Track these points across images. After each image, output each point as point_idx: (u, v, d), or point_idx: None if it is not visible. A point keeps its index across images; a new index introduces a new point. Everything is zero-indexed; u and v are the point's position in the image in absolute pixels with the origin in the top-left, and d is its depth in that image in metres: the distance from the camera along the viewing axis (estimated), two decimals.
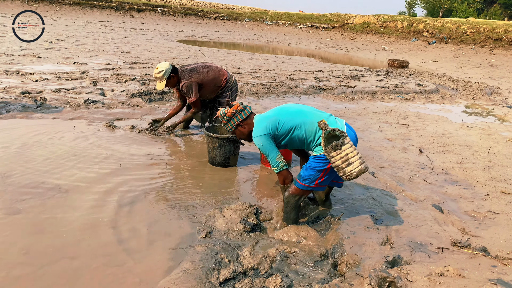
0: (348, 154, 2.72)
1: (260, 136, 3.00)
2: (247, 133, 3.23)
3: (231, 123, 3.20)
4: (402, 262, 2.72)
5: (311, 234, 3.04)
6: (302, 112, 3.06)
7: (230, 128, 3.23)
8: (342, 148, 2.72)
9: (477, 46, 21.82)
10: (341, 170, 2.76)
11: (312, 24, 36.65)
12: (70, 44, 13.97)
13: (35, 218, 2.96)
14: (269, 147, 2.98)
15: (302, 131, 3.00)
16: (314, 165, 2.95)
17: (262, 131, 3.00)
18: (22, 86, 6.85)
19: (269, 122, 3.02)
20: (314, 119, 2.99)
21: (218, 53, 16.08)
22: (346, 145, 2.73)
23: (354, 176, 2.75)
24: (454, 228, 3.32)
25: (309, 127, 2.99)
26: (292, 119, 3.01)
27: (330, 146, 2.72)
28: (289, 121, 3.00)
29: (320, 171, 2.94)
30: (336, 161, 2.74)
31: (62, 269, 2.43)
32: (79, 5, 34.56)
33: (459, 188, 4.25)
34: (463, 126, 6.96)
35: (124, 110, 6.24)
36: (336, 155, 2.73)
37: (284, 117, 3.02)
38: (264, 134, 2.98)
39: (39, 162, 3.94)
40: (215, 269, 2.48)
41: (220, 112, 3.21)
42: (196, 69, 4.91)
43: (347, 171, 2.74)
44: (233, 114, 3.17)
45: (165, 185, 3.75)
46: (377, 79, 11.75)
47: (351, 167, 2.73)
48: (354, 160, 2.72)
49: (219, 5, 52.90)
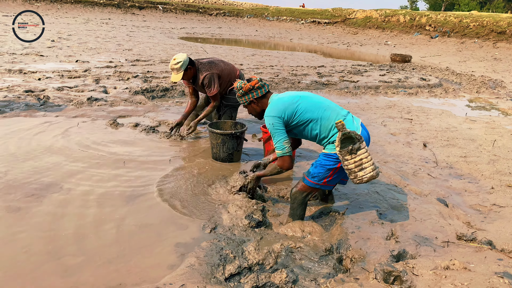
0: (362, 159, 2.71)
1: (274, 117, 2.91)
2: (259, 111, 3.16)
3: (245, 98, 3.11)
4: (408, 256, 2.72)
5: (316, 229, 3.03)
6: (321, 106, 2.96)
7: (244, 102, 3.14)
8: (358, 152, 2.71)
9: (480, 40, 21.69)
10: (353, 173, 2.75)
11: (314, 19, 36.51)
12: (72, 43, 13.98)
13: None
14: (279, 130, 2.91)
15: (318, 125, 2.92)
16: (324, 163, 2.92)
17: (277, 113, 2.90)
18: (25, 85, 6.86)
19: (287, 106, 2.92)
20: (332, 116, 2.91)
21: (220, 50, 16.05)
22: (362, 150, 2.72)
23: (365, 181, 2.75)
24: (459, 222, 3.31)
25: (325, 123, 2.91)
26: (311, 110, 2.91)
27: (346, 150, 2.70)
28: (307, 112, 2.91)
29: (330, 169, 2.91)
30: (349, 165, 2.73)
31: (66, 264, 2.44)
32: (80, 3, 34.55)
33: (464, 182, 4.23)
34: (467, 120, 6.93)
35: (127, 107, 6.24)
36: (351, 159, 2.72)
37: (303, 106, 2.92)
38: (278, 116, 2.90)
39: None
40: (221, 264, 2.48)
41: (237, 85, 3.10)
42: (214, 62, 4.82)
43: (359, 175, 2.74)
44: (249, 90, 3.06)
45: (168, 181, 3.76)
46: (380, 74, 11.70)
47: (363, 172, 2.73)
48: (367, 165, 2.73)
49: (220, 2, 52.74)
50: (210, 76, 4.68)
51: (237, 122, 4.60)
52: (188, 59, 4.58)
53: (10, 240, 2.67)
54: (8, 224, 2.85)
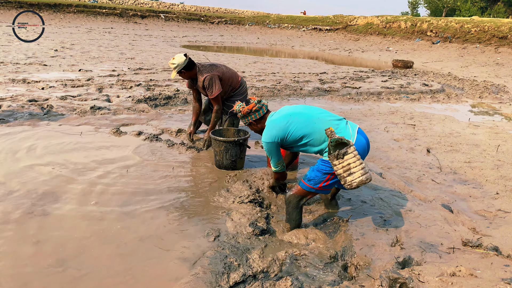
0: (350, 164, 2.71)
1: (267, 142, 3.12)
2: (259, 130, 3.39)
3: (245, 120, 3.35)
4: (413, 263, 2.70)
5: (320, 236, 3.02)
6: (312, 120, 3.05)
7: (245, 123, 3.38)
8: (345, 157, 2.71)
9: (482, 45, 21.71)
10: (343, 179, 2.77)
11: (315, 26, 36.67)
12: (75, 52, 14.07)
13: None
14: (274, 153, 3.18)
15: (311, 140, 3.04)
16: (321, 167, 2.95)
17: (270, 139, 3.10)
18: (28, 94, 6.90)
19: (278, 131, 3.08)
20: (323, 127, 2.98)
21: (222, 58, 16.12)
22: (349, 154, 2.72)
23: (354, 186, 2.74)
24: (465, 227, 3.29)
25: (317, 136, 3.01)
26: (303, 127, 3.04)
27: (333, 155, 2.74)
28: (298, 130, 3.04)
29: (326, 174, 2.93)
30: (338, 170, 2.76)
31: (69, 276, 2.43)
32: (83, 13, 34.86)
33: (468, 187, 4.21)
34: (471, 125, 6.92)
35: (130, 115, 6.26)
36: (338, 164, 2.74)
37: (294, 125, 3.05)
38: (272, 142, 3.11)
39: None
40: (225, 272, 2.47)
41: (236, 108, 3.34)
42: (216, 64, 4.86)
43: (348, 180, 2.74)
44: (248, 113, 3.28)
45: (170, 189, 3.76)
46: (382, 80, 11.71)
47: (352, 177, 2.72)
48: (355, 170, 2.71)
49: (222, 10, 53.11)
50: (211, 78, 4.68)
51: (240, 129, 4.60)
52: (184, 64, 4.58)
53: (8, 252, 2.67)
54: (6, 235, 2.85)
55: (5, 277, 2.39)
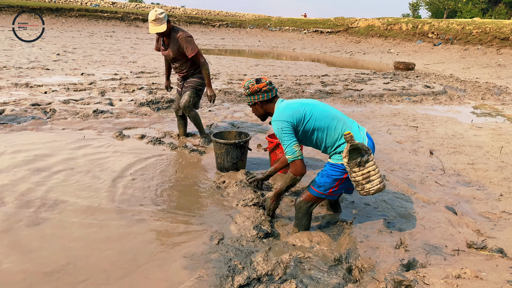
0: (370, 172, 2.71)
1: (282, 121, 2.85)
2: (262, 113, 3.13)
3: (251, 98, 3.05)
4: (418, 265, 2.69)
5: (324, 239, 3.01)
6: (329, 114, 2.93)
7: (248, 102, 3.09)
8: (366, 165, 2.70)
9: (484, 46, 21.69)
10: (360, 185, 2.74)
11: (316, 29, 36.72)
12: (77, 56, 14.12)
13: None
14: (288, 134, 2.84)
15: (325, 134, 2.90)
16: (330, 173, 2.90)
17: (286, 118, 2.86)
18: (31, 98, 6.92)
19: (295, 112, 2.88)
20: (339, 126, 2.90)
21: (224, 61, 16.15)
22: (370, 162, 2.72)
23: (372, 193, 2.75)
24: (469, 229, 3.28)
25: (332, 133, 2.89)
26: (319, 119, 2.88)
27: (354, 162, 2.69)
28: (315, 119, 2.88)
29: (336, 179, 2.89)
30: (357, 177, 2.73)
31: (72, 283, 2.44)
32: (84, 17, 34.97)
33: (472, 189, 4.20)
34: (473, 127, 6.90)
35: (132, 119, 6.27)
36: (358, 171, 2.71)
37: (311, 113, 2.89)
38: (287, 121, 2.85)
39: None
40: (229, 275, 2.47)
41: (245, 84, 3.05)
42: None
43: (366, 187, 2.73)
44: (256, 92, 3.00)
45: (172, 192, 3.76)
46: (383, 82, 11.71)
47: (371, 184, 2.73)
48: (374, 178, 2.72)
49: (223, 13, 53.23)
50: (187, 36, 4.66)
51: (241, 132, 4.62)
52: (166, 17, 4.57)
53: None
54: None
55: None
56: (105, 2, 45.30)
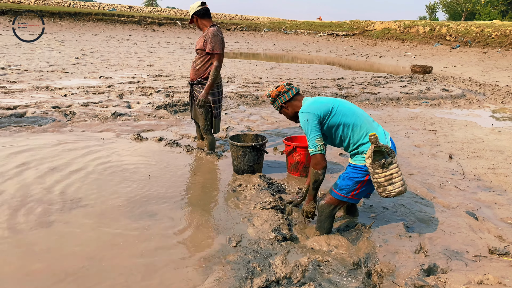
0: (393, 174, 2.73)
1: (309, 113, 2.89)
2: (291, 114, 3.16)
3: (276, 104, 3.15)
4: (439, 271, 2.65)
5: (342, 242, 2.99)
6: (355, 112, 2.95)
7: (276, 108, 3.19)
8: (390, 167, 2.71)
9: (504, 49, 21.29)
10: (382, 187, 2.75)
11: (332, 32, 36.59)
12: (95, 59, 14.35)
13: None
14: (313, 126, 2.86)
15: (349, 131, 2.91)
16: (352, 175, 2.90)
17: (312, 110, 2.89)
18: (52, 101, 7.06)
19: (323, 105, 2.91)
20: (365, 125, 2.90)
21: (239, 64, 16.21)
22: (394, 164, 2.73)
23: (393, 195, 2.76)
24: (491, 235, 3.22)
25: (357, 130, 2.90)
26: (346, 115, 2.90)
27: (378, 163, 2.69)
28: (342, 115, 2.89)
29: (358, 182, 2.89)
30: (379, 178, 2.73)
31: (89, 286, 2.47)
32: (102, 21, 35.53)
33: (493, 194, 4.12)
34: (494, 131, 6.78)
35: (150, 122, 6.34)
36: (381, 173, 2.72)
37: (338, 109, 2.90)
38: (314, 113, 2.88)
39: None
40: (248, 277, 2.47)
41: (267, 93, 3.17)
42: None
43: (388, 189, 2.74)
44: (277, 96, 3.11)
45: (193, 195, 3.79)
46: (400, 85, 11.59)
47: (393, 186, 2.74)
48: (397, 180, 2.74)
49: (238, 17, 53.46)
50: (217, 34, 4.46)
51: (258, 135, 4.62)
52: (197, 8, 4.52)
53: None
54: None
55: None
56: (122, 6, 45.98)
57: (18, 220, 3.12)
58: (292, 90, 3.10)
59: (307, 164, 4.32)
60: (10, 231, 2.96)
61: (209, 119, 4.78)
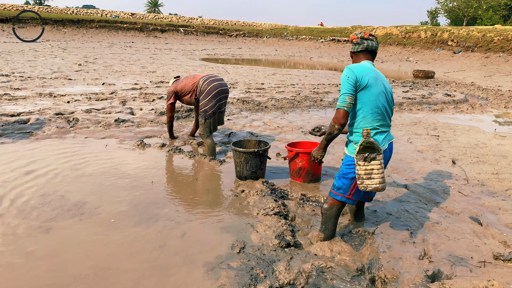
0: (373, 170, 2.76)
1: (352, 71, 2.90)
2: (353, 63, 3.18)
3: (351, 48, 3.20)
4: (443, 277, 2.64)
5: (345, 248, 2.98)
6: (379, 99, 2.92)
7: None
8: (372, 162, 2.74)
9: (506, 54, 21.29)
10: (360, 179, 2.79)
11: (333, 37, 36.68)
12: (98, 66, 14.43)
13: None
14: (349, 84, 2.87)
15: (362, 111, 2.90)
16: (346, 171, 2.94)
17: (356, 70, 2.90)
18: (55, 108, 7.09)
19: (364, 75, 2.88)
20: (376, 118, 2.91)
21: (241, 70, 16.26)
22: (376, 161, 2.75)
23: (369, 190, 2.78)
24: (495, 241, 3.20)
25: (369, 117, 2.90)
26: (366, 98, 2.89)
27: (361, 155, 2.75)
28: (369, 95, 2.89)
29: (353, 178, 2.91)
30: (360, 170, 2.78)
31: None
32: (104, 28, 35.77)
33: (497, 199, 4.10)
34: (497, 136, 6.76)
35: (153, 128, 6.36)
36: (363, 165, 2.77)
37: (369, 88, 2.89)
38: (355, 74, 2.88)
39: None
40: (252, 284, 2.46)
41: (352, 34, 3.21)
42: (179, 79, 5.46)
43: (365, 183, 2.78)
44: (351, 41, 3.18)
45: (196, 201, 3.78)
46: (403, 90, 11.60)
47: (370, 181, 2.77)
48: (376, 176, 2.77)
49: (240, 23, 53.71)
50: (168, 92, 5.46)
51: (261, 141, 4.63)
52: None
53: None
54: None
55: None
56: (125, 13, 46.30)
57: (22, 225, 3.12)
58: (362, 45, 3.09)
59: (309, 169, 4.32)
60: (14, 237, 2.97)
61: (208, 124, 5.04)
